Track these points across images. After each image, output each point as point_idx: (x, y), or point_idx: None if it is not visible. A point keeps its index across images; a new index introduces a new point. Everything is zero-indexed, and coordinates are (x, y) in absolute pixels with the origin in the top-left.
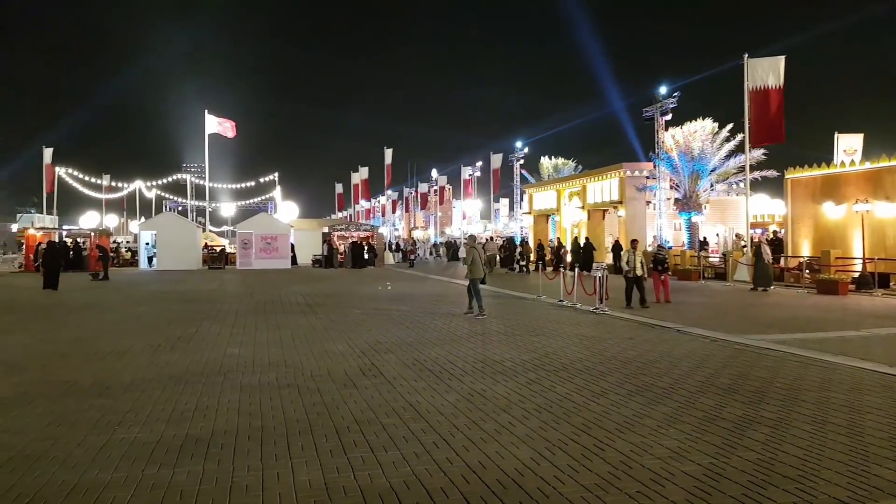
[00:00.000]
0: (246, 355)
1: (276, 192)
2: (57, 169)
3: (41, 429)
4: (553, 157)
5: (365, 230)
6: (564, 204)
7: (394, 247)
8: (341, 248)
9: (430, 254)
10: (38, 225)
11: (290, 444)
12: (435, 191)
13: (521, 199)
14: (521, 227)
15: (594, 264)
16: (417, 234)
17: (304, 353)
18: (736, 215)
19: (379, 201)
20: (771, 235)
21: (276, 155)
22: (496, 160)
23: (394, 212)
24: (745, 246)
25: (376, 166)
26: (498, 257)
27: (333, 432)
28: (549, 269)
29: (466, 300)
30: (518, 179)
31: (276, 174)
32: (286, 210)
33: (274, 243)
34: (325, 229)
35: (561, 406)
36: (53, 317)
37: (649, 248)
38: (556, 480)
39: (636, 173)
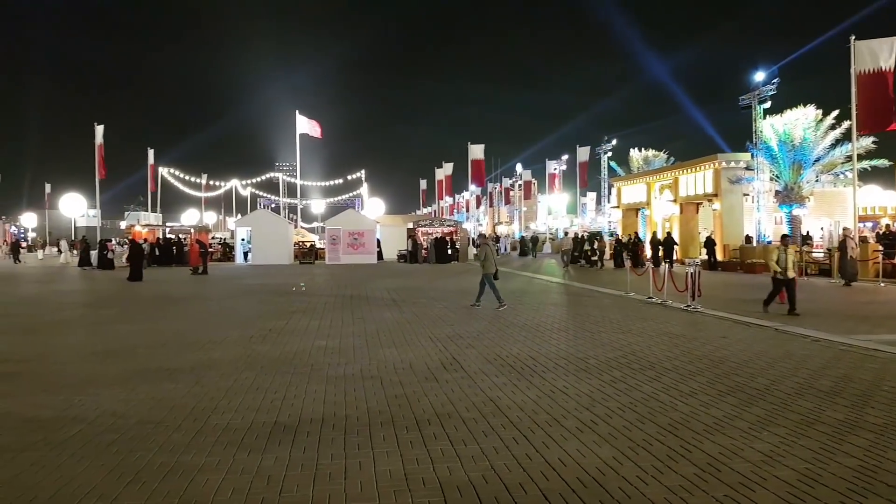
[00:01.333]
0: (333, 347)
1: (363, 189)
2: (160, 169)
3: (144, 413)
4: (643, 149)
5: (449, 226)
6: (655, 197)
7: (476, 242)
8: (425, 244)
9: (514, 249)
10: (143, 222)
11: (371, 434)
12: (519, 185)
13: (609, 193)
14: (609, 222)
15: (687, 260)
16: (501, 230)
17: (388, 345)
18: (843, 208)
19: (463, 197)
20: (883, 229)
21: (363, 153)
22: (583, 153)
23: (478, 207)
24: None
25: (460, 162)
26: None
27: (414, 424)
28: (629, 264)
29: (549, 297)
30: (606, 173)
31: (363, 172)
32: (372, 206)
33: (361, 239)
34: (410, 225)
35: (646, 405)
36: (156, 308)
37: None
38: (638, 481)
39: (732, 164)
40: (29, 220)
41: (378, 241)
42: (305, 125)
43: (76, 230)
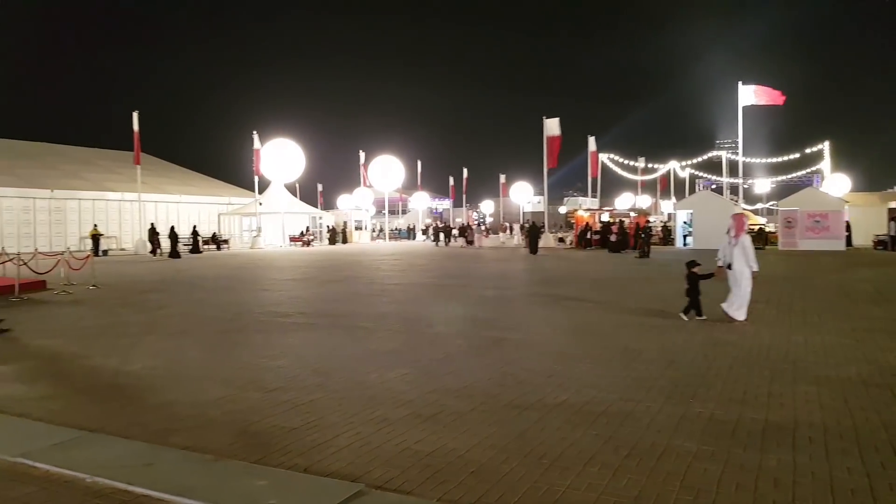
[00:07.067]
0: (815, 344)
1: (825, 164)
2: (600, 155)
3: (621, 390)
4: None
5: None
6: None
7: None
8: None
9: None
10: (584, 207)
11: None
12: None
13: None
14: None
15: None
16: None
17: (891, 349)
18: None
19: None
20: None
21: (825, 122)
22: None
23: None
24: None
25: None
26: None
27: None
28: None
29: None
30: None
31: (826, 143)
32: (834, 183)
33: (824, 221)
34: (893, 204)
35: None
36: (607, 288)
37: None
38: None
39: None
40: (487, 206)
41: (847, 225)
42: (751, 96)
43: (523, 215)
